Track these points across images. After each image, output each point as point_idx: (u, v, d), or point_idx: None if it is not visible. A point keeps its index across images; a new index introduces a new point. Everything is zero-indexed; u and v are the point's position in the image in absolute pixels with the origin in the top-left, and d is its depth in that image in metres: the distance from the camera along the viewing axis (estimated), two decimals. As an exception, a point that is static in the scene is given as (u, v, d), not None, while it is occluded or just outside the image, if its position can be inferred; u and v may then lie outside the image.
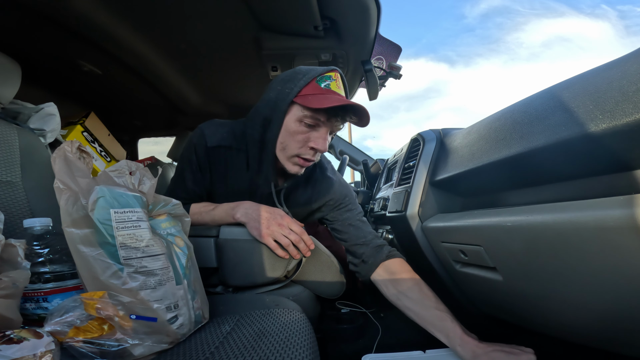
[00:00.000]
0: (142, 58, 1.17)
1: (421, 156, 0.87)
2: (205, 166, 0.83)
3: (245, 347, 0.46)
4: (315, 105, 0.68)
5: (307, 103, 0.69)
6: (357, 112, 0.73)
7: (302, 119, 0.71)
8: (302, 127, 0.72)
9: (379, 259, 0.80)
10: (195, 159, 0.82)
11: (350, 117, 0.74)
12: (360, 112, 0.72)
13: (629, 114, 0.34)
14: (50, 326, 0.40)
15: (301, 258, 0.97)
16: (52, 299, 0.48)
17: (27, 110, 0.98)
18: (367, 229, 0.87)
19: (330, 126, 0.74)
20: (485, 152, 0.60)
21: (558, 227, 0.42)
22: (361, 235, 0.85)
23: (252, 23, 1.01)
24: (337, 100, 0.69)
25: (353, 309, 1.19)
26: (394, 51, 1.24)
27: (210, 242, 0.91)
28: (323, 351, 0.97)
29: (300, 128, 0.72)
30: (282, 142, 0.74)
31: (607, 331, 0.47)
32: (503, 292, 0.63)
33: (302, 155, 0.75)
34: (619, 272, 0.39)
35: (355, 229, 0.87)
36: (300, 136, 0.73)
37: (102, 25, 0.98)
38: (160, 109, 1.62)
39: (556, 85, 0.49)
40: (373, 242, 0.84)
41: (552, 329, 0.60)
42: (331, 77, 0.73)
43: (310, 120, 0.71)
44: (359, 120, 0.75)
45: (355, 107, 0.71)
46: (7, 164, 0.71)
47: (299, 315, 0.63)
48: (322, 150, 0.74)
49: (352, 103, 0.71)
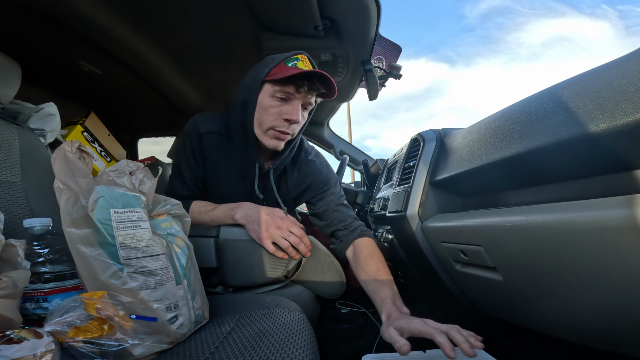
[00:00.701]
0: (142, 58, 1.17)
1: (421, 156, 0.87)
2: (198, 153, 0.86)
3: (245, 347, 0.46)
4: (281, 77, 0.74)
5: (275, 77, 0.75)
6: (323, 82, 0.77)
7: (273, 94, 0.77)
8: (274, 102, 0.77)
9: (352, 238, 0.87)
10: (190, 146, 0.86)
11: (318, 89, 0.79)
12: (325, 81, 0.77)
13: (629, 114, 0.34)
14: (50, 326, 0.40)
15: (301, 258, 0.97)
16: (52, 299, 0.48)
17: (27, 110, 0.98)
18: (348, 213, 0.92)
19: (302, 98, 0.78)
20: (485, 152, 0.60)
21: (558, 227, 0.42)
22: (342, 219, 0.90)
23: (252, 23, 1.01)
24: (300, 70, 0.74)
25: (353, 309, 1.19)
26: (394, 51, 1.24)
27: (210, 242, 0.91)
28: (323, 351, 0.97)
29: (272, 102, 0.77)
30: (258, 119, 0.79)
31: (607, 331, 0.47)
32: (503, 292, 0.63)
33: (276, 128, 0.79)
34: (619, 272, 0.39)
35: (337, 214, 0.91)
36: (273, 109, 0.78)
37: (102, 25, 0.98)
38: (160, 109, 1.62)
39: (556, 85, 0.49)
40: (352, 225, 0.89)
41: (552, 329, 0.60)
42: (297, 58, 0.78)
43: (280, 93, 0.77)
44: (327, 91, 0.80)
45: (320, 74, 0.75)
46: (7, 164, 0.71)
47: (299, 315, 0.63)
48: (295, 120, 0.78)
49: (315, 70, 0.75)
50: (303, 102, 0.79)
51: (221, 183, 0.89)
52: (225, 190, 0.90)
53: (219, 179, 0.89)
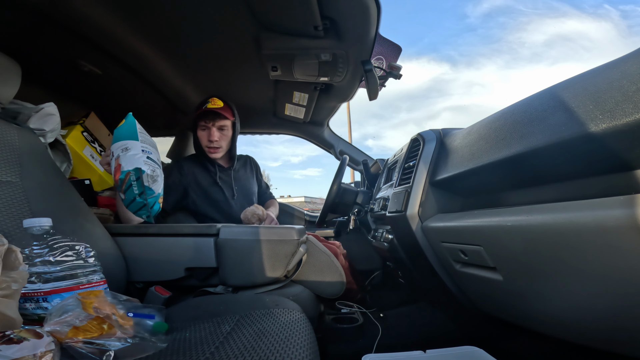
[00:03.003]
0: (142, 58, 1.17)
1: (421, 156, 0.87)
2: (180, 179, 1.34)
3: (245, 347, 0.46)
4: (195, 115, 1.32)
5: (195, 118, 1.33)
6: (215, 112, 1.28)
7: (198, 127, 1.33)
8: (200, 132, 1.33)
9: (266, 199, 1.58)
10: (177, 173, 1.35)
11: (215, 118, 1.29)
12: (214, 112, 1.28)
13: (629, 114, 0.34)
14: (50, 326, 0.40)
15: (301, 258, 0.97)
16: (51, 299, 0.48)
17: (27, 110, 0.97)
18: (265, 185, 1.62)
19: (212, 125, 1.29)
20: (486, 152, 0.60)
21: (558, 227, 0.42)
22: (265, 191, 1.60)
23: (252, 23, 1.01)
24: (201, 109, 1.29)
25: (353, 309, 1.19)
26: (394, 51, 1.24)
27: (210, 242, 0.91)
28: (323, 351, 0.97)
29: (200, 133, 1.33)
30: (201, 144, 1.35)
31: (607, 331, 0.47)
32: (503, 292, 0.63)
33: (207, 146, 1.32)
34: (619, 272, 0.39)
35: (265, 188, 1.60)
36: (202, 133, 1.33)
37: (102, 25, 0.98)
38: (160, 109, 1.61)
39: (556, 85, 0.49)
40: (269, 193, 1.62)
41: (552, 329, 0.60)
42: (208, 101, 1.30)
43: (200, 126, 1.32)
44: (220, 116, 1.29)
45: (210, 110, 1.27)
46: (7, 164, 0.70)
47: (299, 315, 0.63)
48: (212, 139, 1.29)
49: (207, 109, 1.27)
50: (215, 126, 1.30)
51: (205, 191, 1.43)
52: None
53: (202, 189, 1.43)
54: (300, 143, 11.92)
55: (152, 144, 0.87)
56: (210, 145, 1.31)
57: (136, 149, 0.80)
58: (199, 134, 1.32)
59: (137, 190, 0.79)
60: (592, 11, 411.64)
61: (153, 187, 0.81)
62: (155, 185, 0.82)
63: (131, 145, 0.81)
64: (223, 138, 1.32)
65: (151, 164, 0.82)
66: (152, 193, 0.81)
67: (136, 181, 0.78)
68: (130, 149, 0.80)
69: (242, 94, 1.52)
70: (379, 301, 1.30)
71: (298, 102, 1.54)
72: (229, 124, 1.32)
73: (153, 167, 0.82)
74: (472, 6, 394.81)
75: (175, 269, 0.89)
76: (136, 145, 0.81)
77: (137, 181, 0.78)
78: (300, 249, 0.94)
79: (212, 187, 1.34)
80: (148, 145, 0.84)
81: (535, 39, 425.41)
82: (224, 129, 1.31)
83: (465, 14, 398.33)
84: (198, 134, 1.32)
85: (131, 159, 0.78)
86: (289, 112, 1.66)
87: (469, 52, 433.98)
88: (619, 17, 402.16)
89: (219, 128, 1.30)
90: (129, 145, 0.80)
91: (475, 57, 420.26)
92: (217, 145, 1.31)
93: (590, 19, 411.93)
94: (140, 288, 0.89)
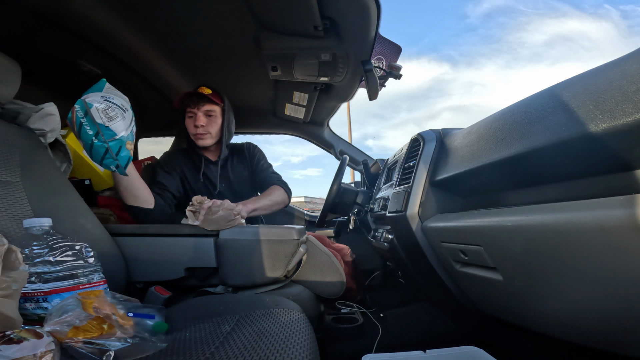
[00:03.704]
0: (141, 58, 1.17)
1: (421, 156, 0.87)
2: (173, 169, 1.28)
3: (245, 347, 0.46)
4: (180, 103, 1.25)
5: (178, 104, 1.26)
6: (200, 95, 1.21)
7: (185, 115, 1.26)
8: (187, 120, 1.25)
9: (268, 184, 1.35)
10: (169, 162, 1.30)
11: (200, 101, 1.22)
12: (199, 95, 1.21)
13: (629, 114, 0.34)
14: (50, 326, 0.40)
15: (301, 258, 0.97)
16: (51, 299, 0.48)
17: (27, 110, 0.97)
18: (271, 170, 1.40)
19: (198, 110, 1.22)
20: (486, 152, 0.60)
21: (558, 227, 0.42)
22: (267, 176, 1.37)
23: (252, 23, 1.01)
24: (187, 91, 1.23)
25: (353, 309, 1.19)
26: (394, 51, 1.24)
27: (210, 242, 0.91)
28: (323, 351, 0.97)
29: (188, 121, 1.25)
30: (189, 133, 1.27)
31: (607, 331, 0.47)
32: (503, 292, 0.63)
33: (193, 133, 1.25)
34: (619, 272, 0.39)
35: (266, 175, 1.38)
36: (189, 121, 1.25)
37: (102, 25, 0.98)
38: (160, 109, 1.62)
39: (556, 85, 0.49)
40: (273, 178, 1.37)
41: (552, 329, 0.60)
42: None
43: (188, 113, 1.25)
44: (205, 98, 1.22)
45: (195, 92, 1.21)
46: (7, 164, 0.70)
47: (299, 315, 0.63)
48: (199, 124, 1.21)
49: (191, 91, 1.22)
50: (202, 112, 1.23)
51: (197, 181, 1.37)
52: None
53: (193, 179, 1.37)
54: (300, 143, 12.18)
55: (120, 95, 0.78)
56: (196, 132, 1.22)
57: (94, 96, 0.73)
58: (187, 122, 1.25)
59: (90, 130, 0.70)
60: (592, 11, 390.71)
61: (111, 126, 0.72)
62: (115, 125, 0.73)
63: (91, 95, 0.73)
64: (211, 124, 1.23)
65: (106, 103, 0.73)
66: (113, 134, 0.72)
67: (85, 117, 0.69)
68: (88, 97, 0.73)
69: (242, 94, 1.52)
70: (379, 301, 1.30)
71: (298, 102, 1.54)
72: (217, 110, 1.25)
73: (108, 105, 0.73)
74: (472, 6, 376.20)
75: (175, 269, 0.89)
76: (95, 94, 0.73)
77: (86, 117, 0.69)
78: (300, 249, 0.94)
79: (197, 183, 1.30)
80: (113, 96, 0.76)
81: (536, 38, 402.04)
82: (211, 114, 1.23)
83: (465, 14, 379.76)
84: (186, 123, 1.25)
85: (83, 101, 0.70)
86: (289, 112, 1.66)
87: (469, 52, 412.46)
88: (619, 17, 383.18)
89: (206, 113, 1.23)
90: (88, 96, 0.73)
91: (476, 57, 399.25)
92: (203, 131, 1.22)
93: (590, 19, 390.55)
94: (140, 288, 0.89)
